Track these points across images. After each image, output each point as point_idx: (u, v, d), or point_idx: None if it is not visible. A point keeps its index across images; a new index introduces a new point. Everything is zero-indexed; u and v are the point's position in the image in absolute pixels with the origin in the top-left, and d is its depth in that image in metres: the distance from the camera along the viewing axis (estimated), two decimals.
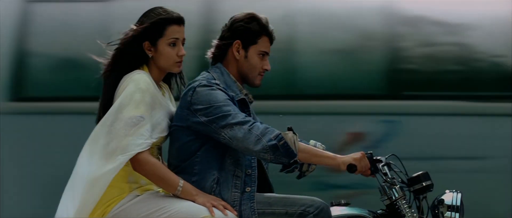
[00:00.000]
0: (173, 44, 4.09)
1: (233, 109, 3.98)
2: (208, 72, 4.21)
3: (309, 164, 4.41)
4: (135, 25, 4.10)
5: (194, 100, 4.03)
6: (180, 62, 4.13)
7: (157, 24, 4.06)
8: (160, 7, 4.12)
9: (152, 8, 4.13)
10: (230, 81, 4.19)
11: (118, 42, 4.09)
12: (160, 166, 3.99)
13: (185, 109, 4.06)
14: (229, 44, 4.22)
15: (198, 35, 5.67)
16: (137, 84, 3.98)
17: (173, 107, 4.21)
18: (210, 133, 4.00)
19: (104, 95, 4.07)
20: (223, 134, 3.95)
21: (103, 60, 4.12)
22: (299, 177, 4.50)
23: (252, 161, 4.15)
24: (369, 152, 4.09)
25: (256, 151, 3.90)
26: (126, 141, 3.91)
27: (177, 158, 4.12)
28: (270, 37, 4.25)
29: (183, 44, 4.13)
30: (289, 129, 3.97)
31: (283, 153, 3.89)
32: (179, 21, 4.12)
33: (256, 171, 4.15)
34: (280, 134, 3.91)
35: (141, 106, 3.95)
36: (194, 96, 4.04)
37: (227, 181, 4.04)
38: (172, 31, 4.09)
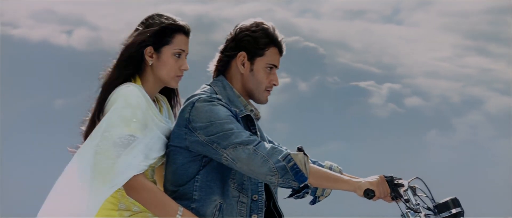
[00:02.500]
0: (178, 55, 3.70)
1: (236, 127, 3.58)
2: (209, 85, 3.79)
3: (324, 188, 3.97)
4: (139, 28, 3.73)
5: (193, 116, 3.62)
6: (180, 76, 3.76)
7: (166, 29, 3.67)
8: (166, 14, 3.74)
9: (158, 14, 3.75)
10: (233, 95, 3.77)
11: (122, 46, 3.73)
12: (157, 191, 3.61)
13: (182, 127, 3.65)
14: (233, 56, 3.79)
15: None
16: (126, 99, 3.61)
17: (171, 123, 3.79)
18: (210, 154, 3.60)
19: (95, 109, 3.70)
20: (225, 155, 3.54)
21: (105, 71, 3.74)
22: (312, 202, 4.05)
23: (259, 185, 3.75)
24: (389, 175, 3.64)
25: (262, 174, 3.49)
26: (118, 163, 3.54)
27: (174, 183, 3.71)
28: (279, 48, 3.82)
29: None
30: (299, 149, 3.53)
31: (292, 176, 3.48)
32: (188, 32, 3.75)
33: (264, 196, 3.76)
34: (289, 154, 3.49)
35: (131, 124, 3.59)
36: (192, 112, 3.62)
37: (231, 207, 3.66)
38: (180, 41, 3.71)
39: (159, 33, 3.68)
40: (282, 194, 3.96)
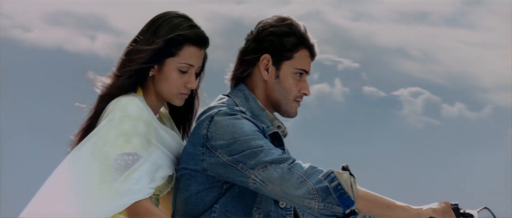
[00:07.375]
0: (184, 70, 3.07)
1: (265, 143, 2.97)
2: (228, 96, 3.14)
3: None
4: (138, 38, 3.13)
5: (212, 133, 2.98)
6: (185, 94, 3.15)
7: (172, 41, 3.05)
8: (180, 16, 3.12)
9: (167, 16, 3.13)
10: (257, 108, 3.14)
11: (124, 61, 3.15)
12: None
13: (198, 147, 3.01)
14: (255, 60, 3.15)
15: None
16: (124, 110, 3.03)
17: (177, 141, 3.18)
18: (234, 177, 2.97)
19: (88, 120, 3.13)
20: (253, 176, 2.91)
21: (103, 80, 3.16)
22: None
23: (287, 216, 3.08)
24: (454, 203, 3.03)
25: (298, 197, 2.87)
26: (114, 189, 2.97)
27: (185, 214, 3.09)
28: (311, 51, 3.18)
29: (198, 74, 3.16)
30: (344, 168, 2.91)
31: (336, 199, 2.86)
32: (201, 42, 3.12)
33: None
34: (332, 172, 2.88)
35: (132, 139, 3.00)
36: (211, 128, 2.99)
37: None
38: (189, 54, 3.10)
39: (164, 44, 3.08)
40: None
